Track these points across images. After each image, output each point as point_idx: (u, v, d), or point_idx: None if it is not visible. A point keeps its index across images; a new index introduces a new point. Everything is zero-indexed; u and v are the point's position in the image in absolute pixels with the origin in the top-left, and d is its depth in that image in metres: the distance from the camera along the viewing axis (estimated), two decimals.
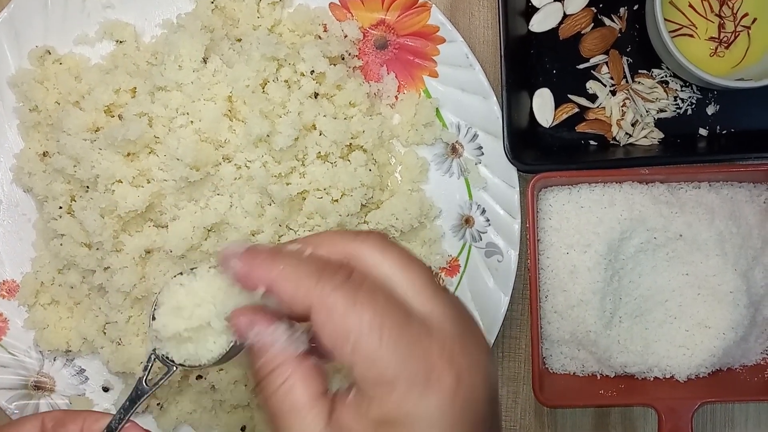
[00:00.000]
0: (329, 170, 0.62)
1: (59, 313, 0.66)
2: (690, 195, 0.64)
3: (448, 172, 0.67)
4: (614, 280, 0.64)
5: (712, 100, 0.67)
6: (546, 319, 0.65)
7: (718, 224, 0.63)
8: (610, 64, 0.66)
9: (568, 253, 0.64)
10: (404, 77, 0.66)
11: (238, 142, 0.60)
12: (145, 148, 0.61)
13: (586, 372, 0.66)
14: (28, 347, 0.67)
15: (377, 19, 0.65)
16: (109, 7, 0.66)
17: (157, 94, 0.60)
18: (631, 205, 0.63)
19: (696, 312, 0.64)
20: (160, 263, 0.61)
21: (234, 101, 0.61)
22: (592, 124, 0.67)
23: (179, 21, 0.62)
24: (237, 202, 0.61)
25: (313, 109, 0.61)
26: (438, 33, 0.64)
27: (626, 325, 0.64)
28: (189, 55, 0.60)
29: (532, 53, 0.67)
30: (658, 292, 0.64)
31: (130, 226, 0.61)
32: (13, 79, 0.65)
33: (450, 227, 0.67)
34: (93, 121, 0.62)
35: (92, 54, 0.66)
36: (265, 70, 0.60)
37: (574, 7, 0.66)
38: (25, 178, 0.65)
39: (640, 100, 0.66)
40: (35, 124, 0.65)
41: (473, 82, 0.64)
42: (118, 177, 0.60)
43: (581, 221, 0.63)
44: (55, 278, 0.66)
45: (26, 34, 0.65)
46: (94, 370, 0.68)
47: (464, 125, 0.66)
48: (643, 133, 0.66)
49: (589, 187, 0.64)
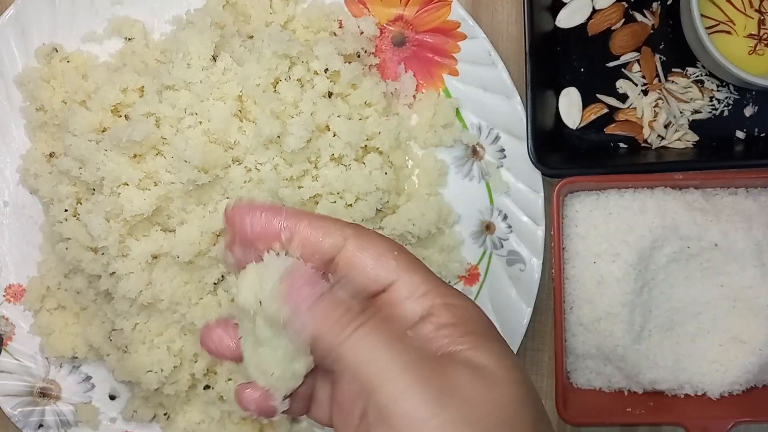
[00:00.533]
0: (343, 173, 0.59)
1: (65, 318, 0.65)
2: (726, 202, 0.61)
3: (468, 175, 0.64)
4: (644, 292, 0.60)
5: (750, 101, 0.63)
6: (571, 331, 0.62)
7: (756, 233, 0.60)
8: (642, 62, 0.63)
9: (595, 263, 0.60)
10: (423, 75, 0.63)
11: (248, 144, 0.58)
12: (152, 149, 0.59)
13: (613, 388, 0.63)
14: (34, 353, 0.66)
15: (395, 14, 0.63)
16: (118, 4, 0.64)
17: (164, 94, 0.58)
18: (664, 212, 0.60)
19: (731, 326, 0.61)
20: (167, 269, 0.60)
21: (244, 101, 0.59)
22: (622, 126, 0.64)
23: (188, 17, 0.60)
24: None
25: (327, 109, 0.59)
26: (459, 29, 0.61)
27: (656, 339, 0.61)
28: (198, 52, 0.58)
29: (558, 50, 0.63)
30: (691, 304, 0.61)
31: (136, 230, 0.60)
32: (20, 78, 0.64)
33: (470, 234, 0.64)
34: (99, 121, 0.60)
35: (100, 52, 0.65)
36: (277, 69, 0.58)
37: (603, 2, 0.63)
38: (31, 180, 0.64)
39: (674, 100, 0.63)
40: (42, 124, 0.64)
41: (496, 81, 0.61)
42: (124, 179, 0.58)
43: (610, 229, 0.60)
44: (61, 282, 0.65)
45: (33, 31, 0.64)
46: (100, 377, 0.66)
47: (486, 126, 0.63)
48: (677, 136, 0.63)
49: (618, 193, 0.61)
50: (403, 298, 0.36)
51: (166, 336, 0.61)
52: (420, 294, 0.36)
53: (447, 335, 0.35)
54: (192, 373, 0.62)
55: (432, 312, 0.36)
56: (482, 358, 0.34)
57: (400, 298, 0.37)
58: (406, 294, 0.37)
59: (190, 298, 0.60)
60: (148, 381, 0.60)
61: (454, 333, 0.35)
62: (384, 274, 0.37)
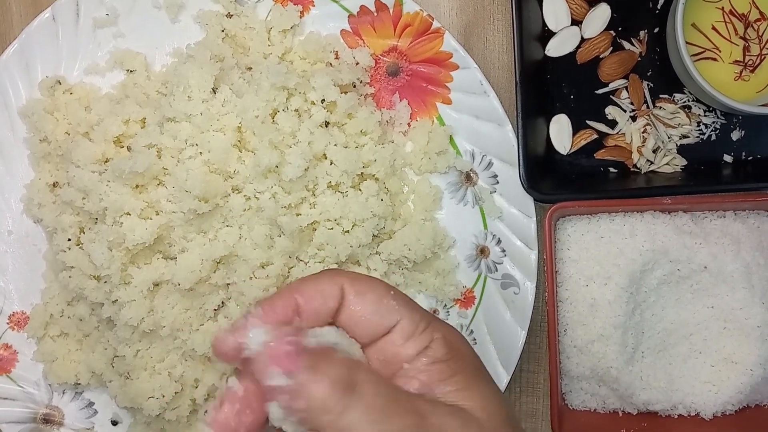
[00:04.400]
0: (340, 200, 0.61)
1: (68, 345, 0.66)
2: (715, 225, 0.62)
3: (463, 200, 0.65)
4: (636, 314, 0.61)
5: (737, 126, 0.64)
6: (565, 353, 0.63)
7: (745, 255, 0.61)
8: (630, 88, 0.64)
9: (587, 286, 0.61)
10: (417, 104, 0.65)
11: (247, 173, 0.59)
12: (154, 179, 0.60)
13: (608, 409, 0.64)
14: (38, 380, 0.67)
15: (389, 45, 0.64)
16: (120, 37, 0.66)
17: (165, 125, 0.59)
18: (653, 235, 0.61)
19: (722, 347, 0.61)
20: (169, 296, 0.60)
21: (243, 132, 0.60)
22: (612, 151, 0.65)
23: (189, 51, 0.61)
24: (246, 233, 0.60)
25: (324, 138, 0.60)
26: (451, 59, 0.63)
27: (649, 360, 0.62)
28: (198, 85, 0.59)
29: (548, 78, 0.65)
30: (682, 325, 0.62)
31: (138, 258, 0.61)
32: (24, 110, 0.65)
33: (464, 257, 0.65)
34: (102, 152, 0.61)
35: (103, 83, 0.66)
36: (275, 100, 0.59)
37: (592, 31, 0.64)
38: (35, 209, 0.65)
39: (662, 125, 0.64)
40: (45, 155, 0.65)
41: (488, 109, 0.63)
42: (126, 209, 0.59)
43: (601, 252, 0.61)
44: (64, 310, 0.65)
45: (37, 64, 0.65)
46: (102, 403, 0.67)
47: (479, 153, 0.64)
48: (665, 160, 0.64)
49: (609, 217, 0.62)
50: (407, 337, 0.37)
51: (168, 362, 0.62)
52: (420, 331, 0.37)
53: (439, 371, 0.36)
54: (193, 398, 0.63)
55: (429, 346, 0.37)
56: (469, 401, 0.36)
57: (404, 337, 0.37)
58: (409, 332, 0.37)
59: (191, 324, 0.61)
60: (149, 407, 0.61)
61: (446, 371, 0.36)
62: (387, 317, 0.37)
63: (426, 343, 0.37)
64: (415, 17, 0.63)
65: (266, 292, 0.60)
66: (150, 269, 0.60)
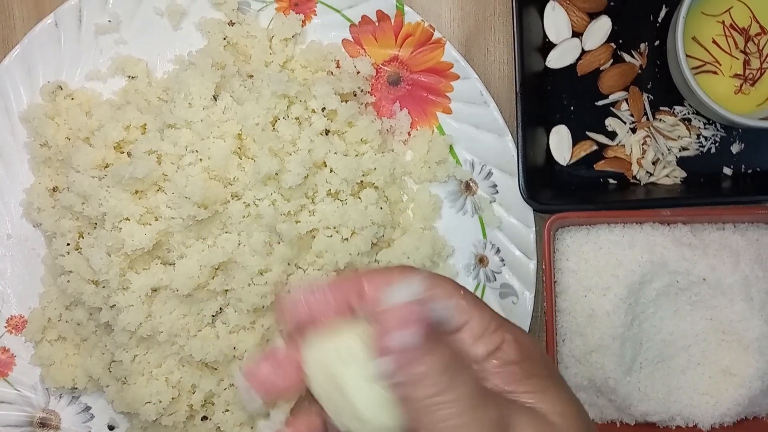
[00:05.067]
0: (339, 208, 0.61)
1: (66, 349, 0.66)
2: (714, 237, 0.62)
3: (462, 209, 0.65)
4: (634, 325, 0.61)
5: (736, 139, 0.65)
6: (563, 363, 0.63)
7: (744, 268, 0.61)
8: (630, 100, 0.65)
9: (586, 296, 0.61)
10: (417, 113, 0.65)
11: (246, 180, 0.59)
12: (153, 185, 0.60)
13: (606, 420, 0.64)
14: (35, 383, 0.67)
15: (390, 55, 0.64)
16: (122, 43, 0.66)
17: (166, 132, 0.60)
18: (653, 247, 0.61)
19: (720, 358, 0.61)
20: (167, 302, 0.60)
21: (244, 139, 0.60)
22: (612, 163, 0.65)
23: (190, 58, 0.62)
24: (245, 240, 0.60)
25: (324, 146, 0.60)
26: (452, 69, 0.63)
27: (647, 371, 0.62)
28: (199, 93, 0.59)
29: (549, 89, 0.65)
30: (681, 337, 0.62)
31: (137, 263, 0.61)
32: (25, 114, 0.65)
33: (463, 266, 0.65)
34: (102, 157, 0.61)
35: (104, 89, 0.66)
36: (276, 108, 0.59)
37: (592, 43, 0.65)
38: (34, 214, 0.65)
39: (662, 137, 0.64)
40: (46, 160, 0.65)
41: (488, 119, 0.63)
42: (125, 215, 0.59)
43: (600, 263, 0.61)
44: (62, 314, 0.65)
45: (39, 69, 0.66)
46: (99, 407, 0.67)
47: (478, 163, 0.64)
48: (665, 172, 0.64)
49: (608, 228, 0.62)
50: (477, 337, 0.36)
51: (165, 368, 0.62)
52: (492, 330, 0.37)
53: (512, 373, 0.35)
54: (190, 404, 0.63)
55: (500, 347, 0.36)
56: (545, 404, 0.35)
57: (473, 337, 0.36)
58: (479, 332, 0.36)
59: (189, 330, 0.61)
60: (146, 412, 0.61)
61: (520, 373, 0.35)
62: (457, 316, 0.37)
63: (497, 344, 0.36)
64: (416, 27, 0.63)
65: (264, 299, 0.60)
66: (148, 275, 0.60)
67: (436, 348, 0.34)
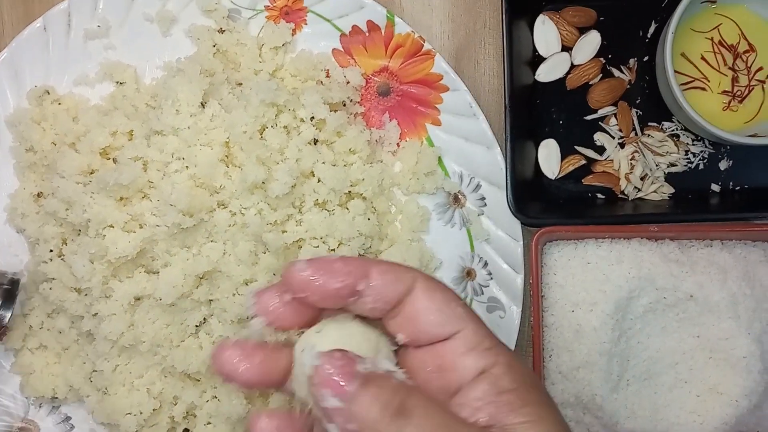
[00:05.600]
0: (326, 218, 0.60)
1: (47, 358, 0.65)
2: (701, 254, 0.62)
3: (450, 222, 0.65)
4: (621, 341, 0.61)
5: (725, 155, 0.65)
6: (550, 379, 0.62)
7: (731, 285, 0.60)
8: (619, 115, 0.65)
9: (573, 311, 0.61)
10: (406, 125, 0.65)
11: (233, 189, 0.59)
12: (139, 192, 0.59)
13: None
14: (14, 392, 0.66)
15: (380, 66, 0.64)
16: (110, 48, 0.65)
17: (153, 138, 0.59)
18: (640, 263, 0.60)
19: (707, 377, 0.61)
20: (150, 311, 0.60)
21: (231, 147, 0.60)
22: (600, 177, 0.65)
23: (179, 65, 0.61)
24: (230, 249, 0.59)
25: (312, 155, 0.60)
26: (441, 81, 0.63)
27: (634, 388, 0.61)
28: (187, 99, 0.59)
29: (538, 103, 0.65)
30: (668, 354, 0.61)
31: (120, 271, 0.60)
32: (11, 118, 0.65)
33: (451, 279, 0.65)
34: (88, 163, 0.61)
35: (92, 95, 0.66)
36: (264, 116, 0.59)
37: (582, 58, 0.65)
38: (18, 219, 0.64)
39: (650, 153, 0.64)
40: (31, 165, 0.65)
41: (477, 132, 0.63)
42: (109, 222, 0.58)
43: (587, 278, 0.61)
44: (44, 322, 0.65)
45: (26, 73, 0.65)
46: (79, 417, 0.66)
47: (467, 175, 0.64)
48: (653, 188, 0.64)
49: (595, 243, 0.62)
50: (467, 349, 0.35)
51: (147, 378, 0.61)
52: (485, 347, 0.35)
53: (508, 403, 0.34)
54: (171, 416, 0.62)
55: (493, 371, 0.35)
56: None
57: (465, 347, 0.35)
58: (471, 344, 0.35)
59: (172, 340, 0.60)
60: (126, 424, 0.60)
61: (515, 402, 0.34)
62: (452, 321, 0.36)
63: (488, 363, 0.35)
64: (406, 38, 0.63)
65: (249, 309, 0.59)
66: (132, 283, 0.59)
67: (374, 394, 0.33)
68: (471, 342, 0.36)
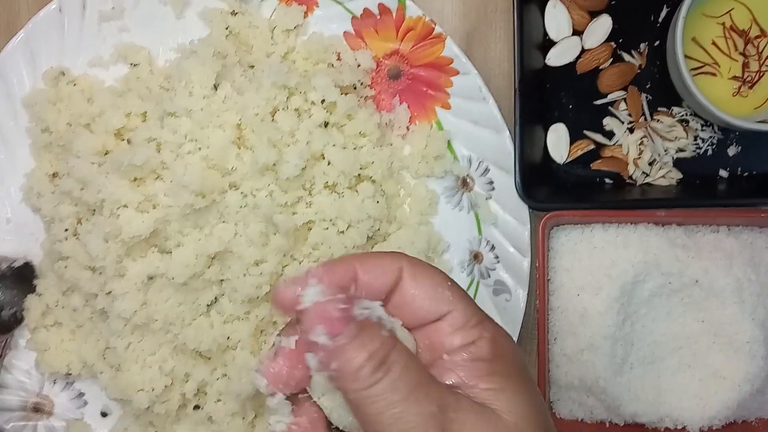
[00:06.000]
0: (336, 201, 0.61)
1: (61, 335, 0.66)
2: (708, 239, 0.62)
3: (458, 205, 0.65)
4: (626, 325, 0.61)
5: (733, 141, 0.65)
6: (554, 362, 0.63)
7: (737, 271, 0.61)
8: (629, 100, 0.65)
9: (579, 295, 0.62)
10: (416, 108, 0.65)
11: (245, 170, 0.59)
12: (152, 173, 0.60)
13: (595, 419, 0.64)
14: (30, 368, 0.67)
15: (391, 49, 0.64)
16: (125, 31, 0.66)
17: (166, 120, 0.60)
18: (646, 247, 0.61)
19: (711, 361, 0.61)
20: (162, 290, 0.61)
21: (243, 129, 0.60)
22: (608, 162, 0.65)
23: (192, 47, 0.62)
24: (242, 230, 0.60)
25: (323, 138, 0.60)
26: (452, 65, 0.63)
27: (638, 372, 0.62)
28: (200, 81, 0.59)
29: (547, 87, 0.65)
30: (672, 338, 0.62)
31: (133, 251, 0.61)
32: (27, 99, 0.66)
33: (458, 262, 0.65)
34: (103, 144, 0.62)
35: (106, 76, 0.66)
36: (276, 99, 0.60)
37: (592, 42, 0.65)
38: (34, 199, 0.65)
39: (659, 138, 0.64)
40: (46, 145, 0.66)
41: (486, 116, 0.63)
42: (123, 202, 0.59)
43: (594, 262, 0.61)
44: (59, 300, 0.66)
45: (42, 54, 0.66)
46: (93, 394, 0.67)
47: (476, 159, 0.64)
48: (661, 173, 0.64)
49: (602, 227, 0.62)
50: (455, 328, 0.37)
51: (159, 356, 0.62)
52: (472, 325, 0.37)
53: (478, 369, 0.36)
54: (182, 393, 0.63)
55: (475, 342, 0.37)
56: (502, 402, 0.35)
57: (452, 328, 0.37)
58: (459, 324, 0.37)
59: (184, 319, 0.61)
60: (139, 399, 0.61)
61: (485, 369, 0.36)
62: (440, 305, 0.37)
63: (473, 339, 0.37)
64: (417, 21, 0.63)
65: (259, 289, 0.60)
66: (145, 262, 0.60)
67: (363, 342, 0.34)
68: (458, 322, 0.37)
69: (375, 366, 0.34)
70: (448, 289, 0.37)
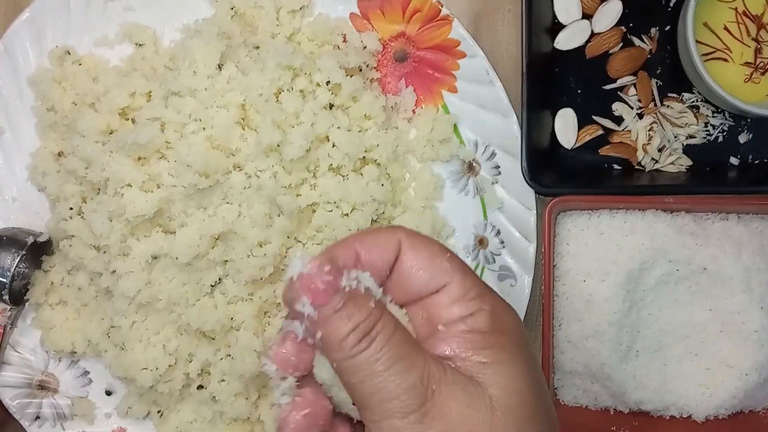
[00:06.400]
0: (340, 183, 0.61)
1: (66, 314, 0.66)
2: (716, 227, 0.61)
3: (464, 190, 0.65)
4: (632, 312, 0.61)
5: (745, 128, 0.64)
6: (559, 348, 0.62)
7: (745, 259, 0.60)
8: (638, 85, 0.64)
9: (584, 281, 0.61)
10: (423, 91, 0.65)
11: (249, 151, 0.59)
12: (156, 152, 0.60)
13: (599, 406, 0.63)
14: (35, 346, 0.68)
15: (397, 31, 0.64)
16: (130, 10, 0.66)
17: (170, 99, 0.60)
18: (654, 234, 0.60)
19: (718, 350, 0.61)
20: (166, 270, 0.61)
21: (247, 109, 0.60)
22: (617, 148, 0.65)
23: (196, 26, 0.62)
24: (245, 211, 0.60)
25: (327, 120, 0.60)
26: (459, 47, 0.63)
27: (643, 359, 0.61)
28: (204, 61, 0.59)
29: (556, 71, 0.64)
30: (679, 326, 0.61)
31: (138, 230, 0.61)
32: (33, 78, 0.66)
33: (463, 247, 0.65)
34: (107, 123, 0.62)
35: (111, 56, 0.66)
36: (280, 80, 0.59)
37: (602, 26, 0.64)
38: (39, 178, 0.66)
39: (669, 124, 0.64)
40: (52, 124, 0.66)
41: (493, 99, 0.63)
42: (127, 181, 0.59)
43: (600, 248, 0.61)
44: (64, 279, 0.66)
45: (48, 33, 0.66)
46: (98, 372, 0.68)
47: (482, 143, 0.64)
48: (670, 160, 0.64)
49: (610, 213, 0.62)
50: (453, 300, 0.36)
51: (163, 335, 0.62)
52: (471, 297, 0.36)
53: (472, 341, 0.35)
54: (186, 372, 0.63)
55: (474, 315, 0.36)
56: (490, 376, 0.35)
57: (450, 299, 0.36)
58: (457, 296, 0.36)
59: (188, 299, 0.61)
60: (143, 378, 0.61)
61: (479, 341, 0.35)
62: (438, 277, 0.37)
63: (472, 311, 0.36)
64: (424, 3, 0.62)
65: (263, 270, 0.60)
66: (149, 242, 0.60)
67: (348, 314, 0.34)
68: (456, 294, 0.36)
69: (359, 337, 0.34)
70: (447, 261, 0.37)
